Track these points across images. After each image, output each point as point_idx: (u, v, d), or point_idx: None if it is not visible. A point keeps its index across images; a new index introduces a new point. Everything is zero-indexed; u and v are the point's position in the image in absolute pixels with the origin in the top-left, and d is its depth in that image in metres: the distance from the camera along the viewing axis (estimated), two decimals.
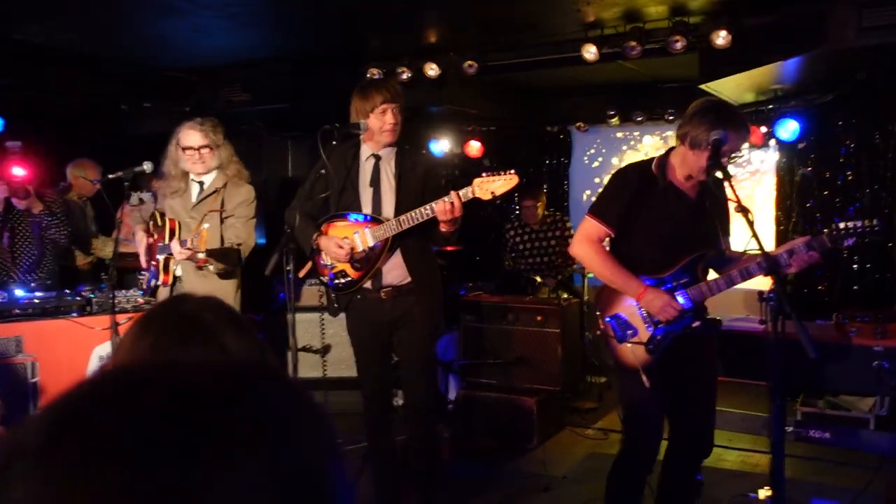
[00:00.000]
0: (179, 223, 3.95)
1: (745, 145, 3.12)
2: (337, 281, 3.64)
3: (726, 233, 3.22)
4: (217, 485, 0.49)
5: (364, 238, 3.52)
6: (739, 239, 3.12)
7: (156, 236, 4.02)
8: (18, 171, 4.84)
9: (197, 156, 3.86)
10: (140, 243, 4.09)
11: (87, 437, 0.49)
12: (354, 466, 4.06)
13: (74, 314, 4.32)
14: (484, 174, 3.37)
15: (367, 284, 3.59)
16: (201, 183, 3.98)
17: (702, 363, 3.18)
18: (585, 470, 4.71)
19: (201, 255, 3.68)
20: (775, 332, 2.35)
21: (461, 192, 3.31)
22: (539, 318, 5.60)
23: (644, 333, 3.08)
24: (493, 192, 3.32)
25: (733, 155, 3.04)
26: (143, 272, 4.10)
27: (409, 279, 3.58)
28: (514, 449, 5.06)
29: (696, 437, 3.20)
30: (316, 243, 3.61)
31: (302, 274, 4.00)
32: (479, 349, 5.76)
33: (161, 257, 3.92)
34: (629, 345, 3.07)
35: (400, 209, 3.50)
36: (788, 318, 2.41)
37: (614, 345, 3.12)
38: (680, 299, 3.04)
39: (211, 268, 3.85)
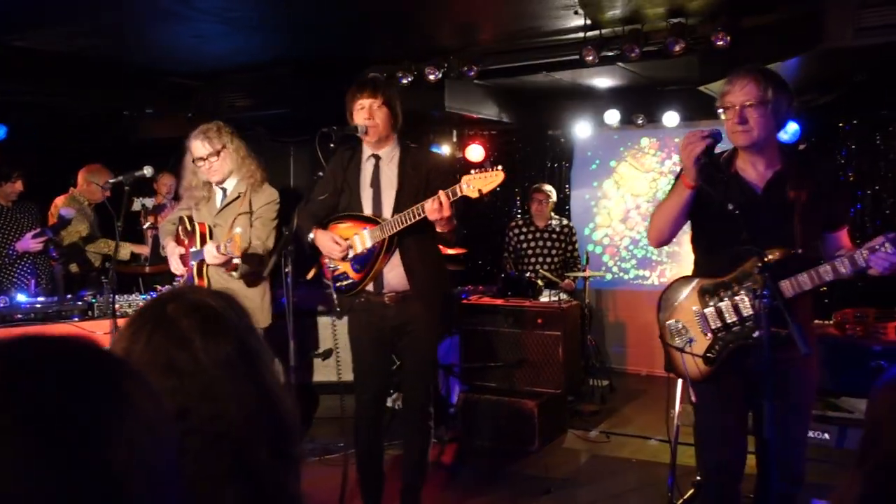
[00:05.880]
0: (210, 227, 3.99)
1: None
2: (339, 283, 3.61)
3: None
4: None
5: (363, 239, 3.50)
6: None
7: (187, 242, 4.06)
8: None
9: (207, 165, 3.91)
10: (172, 253, 4.10)
11: None
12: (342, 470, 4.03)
13: (76, 318, 4.33)
14: (472, 171, 3.31)
15: (370, 287, 3.54)
16: (224, 189, 4.02)
17: (784, 379, 2.66)
18: (587, 473, 4.71)
19: (236, 261, 3.71)
20: (767, 329, 2.34)
21: (448, 191, 3.23)
22: (540, 320, 5.61)
23: (703, 342, 2.80)
24: (479, 190, 3.22)
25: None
26: (178, 279, 4.12)
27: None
28: (516, 452, 5.06)
29: (772, 463, 2.67)
30: (313, 239, 3.58)
31: (309, 276, 3.99)
32: (480, 352, 5.76)
33: (194, 263, 3.94)
34: (686, 355, 2.80)
35: (399, 210, 3.42)
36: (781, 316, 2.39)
37: (671, 352, 2.89)
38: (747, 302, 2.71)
39: (234, 273, 3.86)
